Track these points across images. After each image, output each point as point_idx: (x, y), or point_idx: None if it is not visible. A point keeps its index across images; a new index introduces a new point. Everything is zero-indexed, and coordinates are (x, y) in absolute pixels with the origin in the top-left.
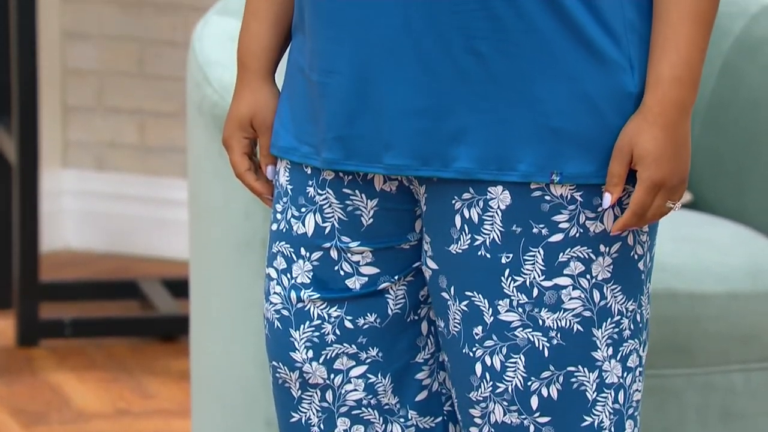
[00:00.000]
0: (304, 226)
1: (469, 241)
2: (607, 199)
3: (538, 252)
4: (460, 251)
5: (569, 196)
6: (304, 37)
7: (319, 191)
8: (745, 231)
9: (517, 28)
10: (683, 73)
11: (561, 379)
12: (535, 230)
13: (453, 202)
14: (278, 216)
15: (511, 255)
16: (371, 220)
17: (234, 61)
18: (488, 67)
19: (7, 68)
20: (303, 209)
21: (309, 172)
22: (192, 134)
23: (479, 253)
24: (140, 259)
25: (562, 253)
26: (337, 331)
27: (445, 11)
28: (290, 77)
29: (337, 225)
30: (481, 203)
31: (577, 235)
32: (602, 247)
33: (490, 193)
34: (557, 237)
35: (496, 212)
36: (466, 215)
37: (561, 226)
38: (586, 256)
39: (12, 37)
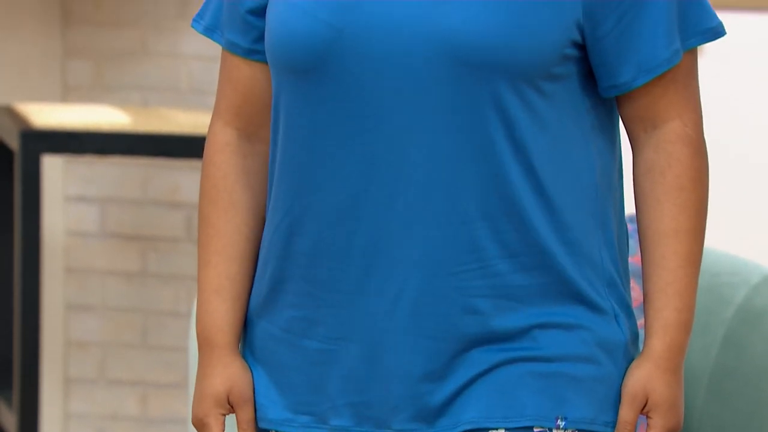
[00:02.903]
0: None
1: None
2: None
3: None
4: None
5: None
6: (281, 307)
7: None
8: None
9: (516, 283)
10: (688, 317)
11: None
12: None
13: None
14: None
15: None
16: None
17: None
18: (487, 323)
19: (9, 341)
20: None
21: None
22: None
23: None
24: None
25: None
26: None
27: (442, 273)
28: (264, 349)
29: None
30: None
31: None
32: None
33: None
34: None
35: None
36: None
37: None
38: None
39: (15, 310)
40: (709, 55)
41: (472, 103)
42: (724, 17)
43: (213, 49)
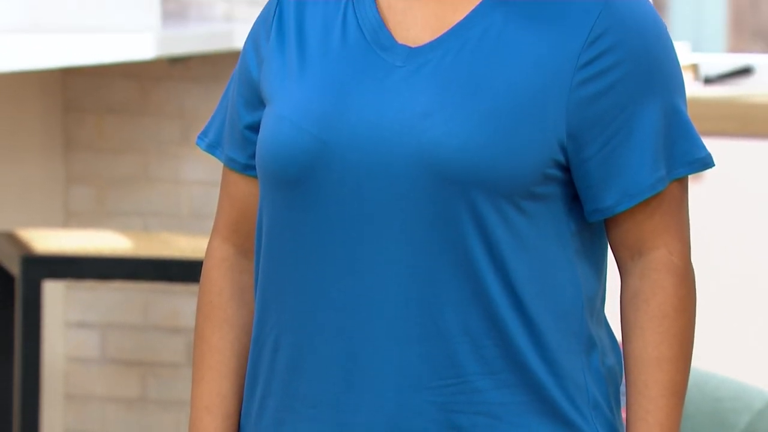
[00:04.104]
0: None
1: None
2: None
3: None
4: None
5: None
6: (268, 422)
7: None
8: None
9: (495, 400)
10: None
11: None
12: None
13: None
14: None
15: None
16: None
17: None
18: None
19: None
20: None
21: None
22: None
23: None
24: None
25: None
26: None
27: (421, 388)
28: None
29: None
30: None
31: None
32: None
33: None
34: None
35: None
36: None
37: None
38: None
39: None
40: (707, 181)
41: (451, 218)
42: (719, 143)
43: (214, 174)
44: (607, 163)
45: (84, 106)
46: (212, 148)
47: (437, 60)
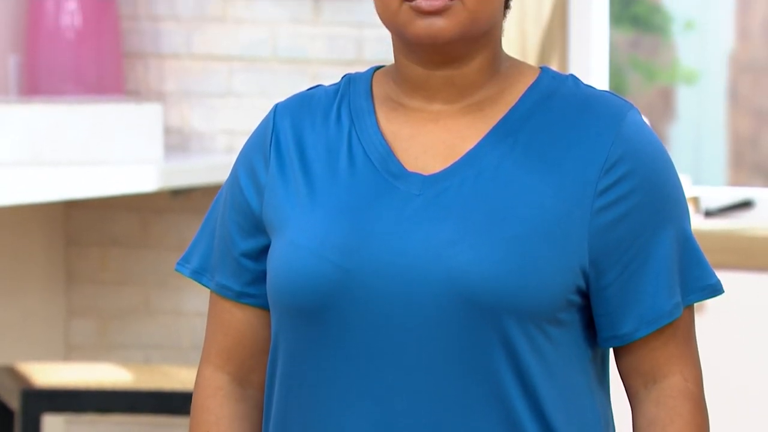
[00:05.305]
0: None
1: None
2: None
3: None
4: None
5: None
6: None
7: None
8: None
9: None
10: None
11: None
12: None
13: None
14: None
15: None
16: None
17: None
18: None
19: None
20: None
21: None
22: None
23: None
24: None
25: None
26: None
27: None
28: None
29: None
30: None
31: None
32: None
33: None
34: None
35: None
36: None
37: None
38: None
39: None
40: (709, 313)
41: (481, 344)
42: (720, 276)
43: None
44: (624, 290)
45: (86, 239)
46: (197, 275)
47: (455, 188)
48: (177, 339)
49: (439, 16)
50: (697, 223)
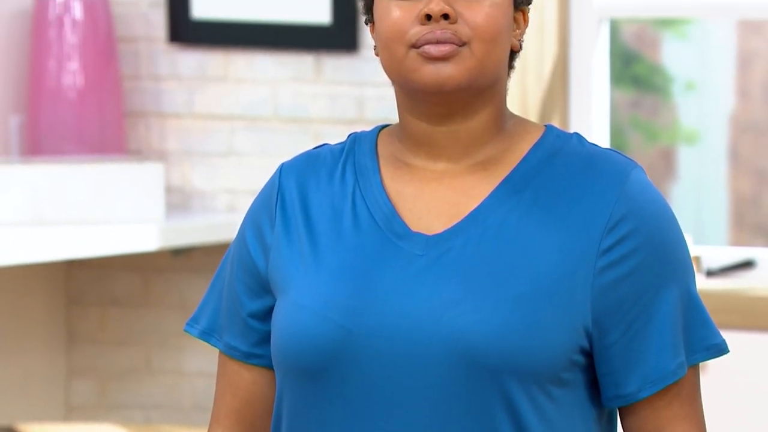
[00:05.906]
0: None
1: None
2: None
3: None
4: None
5: None
6: None
7: None
8: None
9: None
10: None
11: None
12: None
13: None
14: None
15: None
16: None
17: None
18: None
19: None
20: None
21: None
22: None
23: None
24: None
25: None
26: None
27: None
28: None
29: None
30: None
31: None
32: None
33: None
34: None
35: None
36: None
37: None
38: None
39: None
40: (711, 374)
41: (483, 404)
42: (724, 336)
43: (216, 365)
44: (628, 350)
45: (87, 298)
46: (206, 335)
47: (458, 248)
48: (178, 399)
49: (447, 62)
50: (699, 282)
